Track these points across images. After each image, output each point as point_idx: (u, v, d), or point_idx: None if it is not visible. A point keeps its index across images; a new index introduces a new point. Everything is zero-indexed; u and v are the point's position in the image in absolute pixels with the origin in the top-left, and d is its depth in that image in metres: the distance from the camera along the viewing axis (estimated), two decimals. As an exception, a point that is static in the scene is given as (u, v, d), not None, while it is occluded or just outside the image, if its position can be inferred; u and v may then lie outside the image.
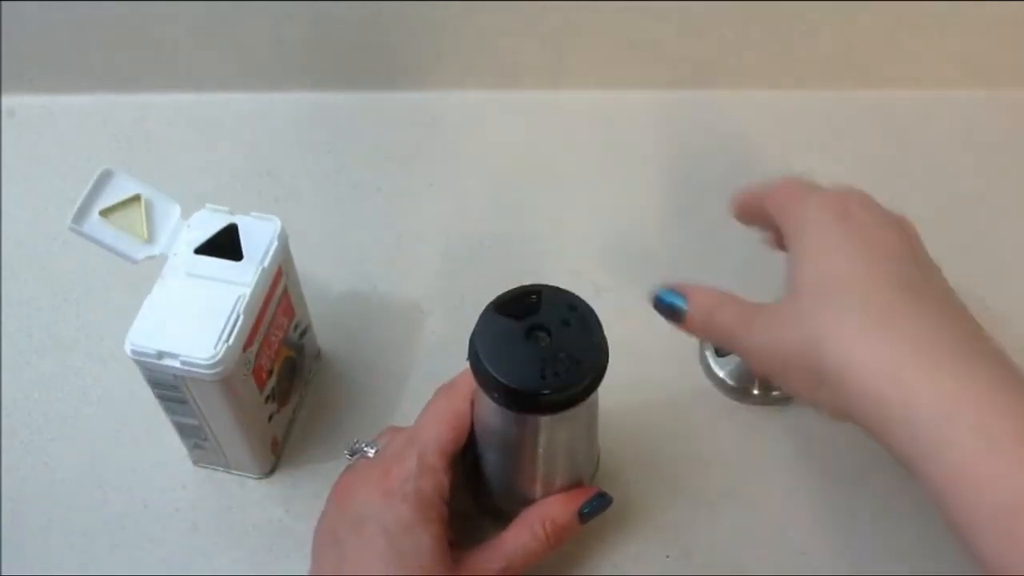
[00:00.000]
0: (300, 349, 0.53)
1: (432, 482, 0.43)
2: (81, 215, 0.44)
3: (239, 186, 0.65)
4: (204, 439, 0.49)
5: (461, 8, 0.65)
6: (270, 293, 0.46)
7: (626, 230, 0.63)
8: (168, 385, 0.44)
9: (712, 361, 0.57)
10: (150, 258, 0.45)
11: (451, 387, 0.47)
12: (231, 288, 0.44)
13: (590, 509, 0.46)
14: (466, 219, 0.64)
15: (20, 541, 0.50)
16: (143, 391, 0.46)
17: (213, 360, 0.42)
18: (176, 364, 0.42)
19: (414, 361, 0.57)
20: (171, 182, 0.66)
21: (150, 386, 0.45)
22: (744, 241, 0.63)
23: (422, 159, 0.67)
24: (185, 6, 0.64)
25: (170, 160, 0.66)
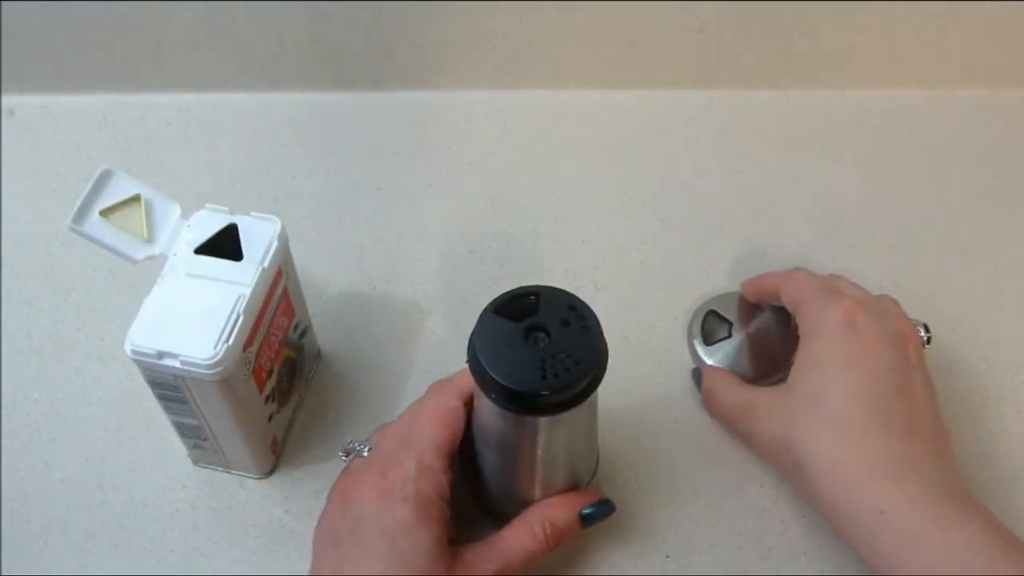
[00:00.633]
0: (300, 349, 0.53)
1: (432, 482, 0.43)
2: (81, 215, 0.44)
3: (239, 186, 0.65)
4: (204, 439, 0.49)
5: (461, 8, 0.65)
6: (270, 293, 0.46)
7: (626, 230, 0.63)
8: (168, 385, 0.44)
9: (700, 350, 0.56)
10: (150, 258, 0.45)
11: (444, 385, 0.47)
12: (231, 288, 0.44)
13: (591, 514, 0.46)
14: (466, 219, 0.64)
15: (20, 541, 0.50)
16: (143, 391, 0.46)
17: (213, 360, 0.42)
18: (176, 364, 0.42)
19: (414, 361, 0.57)
20: (171, 182, 0.66)
21: (150, 386, 0.45)
22: (743, 241, 0.63)
23: (422, 159, 0.67)
24: (185, 6, 0.64)
25: (170, 160, 0.66)
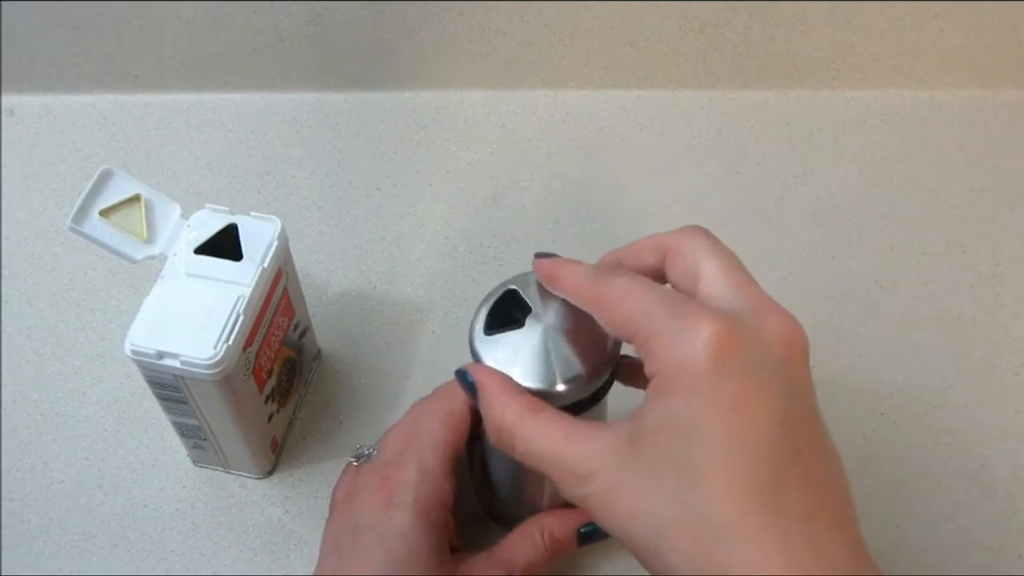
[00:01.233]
0: (300, 349, 0.53)
1: (433, 489, 0.43)
2: (81, 215, 0.44)
3: (239, 186, 0.65)
4: (204, 439, 0.49)
5: (461, 8, 0.65)
6: (270, 293, 0.46)
7: (626, 230, 0.63)
8: (168, 385, 0.44)
9: (476, 340, 0.55)
10: (150, 258, 0.45)
11: (448, 388, 0.46)
12: (231, 288, 0.44)
13: (590, 532, 0.46)
14: (466, 219, 0.64)
15: (20, 541, 0.50)
16: (143, 391, 0.46)
17: (213, 360, 0.42)
18: (176, 364, 0.42)
19: (414, 361, 0.57)
20: (171, 182, 0.66)
21: (150, 386, 0.45)
22: (743, 241, 0.63)
23: (422, 159, 0.67)
24: (185, 6, 0.64)
25: (170, 160, 0.66)
